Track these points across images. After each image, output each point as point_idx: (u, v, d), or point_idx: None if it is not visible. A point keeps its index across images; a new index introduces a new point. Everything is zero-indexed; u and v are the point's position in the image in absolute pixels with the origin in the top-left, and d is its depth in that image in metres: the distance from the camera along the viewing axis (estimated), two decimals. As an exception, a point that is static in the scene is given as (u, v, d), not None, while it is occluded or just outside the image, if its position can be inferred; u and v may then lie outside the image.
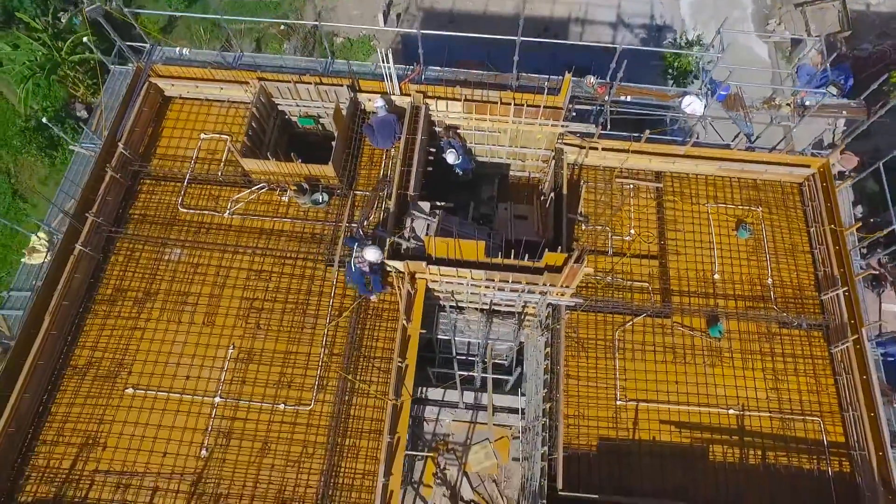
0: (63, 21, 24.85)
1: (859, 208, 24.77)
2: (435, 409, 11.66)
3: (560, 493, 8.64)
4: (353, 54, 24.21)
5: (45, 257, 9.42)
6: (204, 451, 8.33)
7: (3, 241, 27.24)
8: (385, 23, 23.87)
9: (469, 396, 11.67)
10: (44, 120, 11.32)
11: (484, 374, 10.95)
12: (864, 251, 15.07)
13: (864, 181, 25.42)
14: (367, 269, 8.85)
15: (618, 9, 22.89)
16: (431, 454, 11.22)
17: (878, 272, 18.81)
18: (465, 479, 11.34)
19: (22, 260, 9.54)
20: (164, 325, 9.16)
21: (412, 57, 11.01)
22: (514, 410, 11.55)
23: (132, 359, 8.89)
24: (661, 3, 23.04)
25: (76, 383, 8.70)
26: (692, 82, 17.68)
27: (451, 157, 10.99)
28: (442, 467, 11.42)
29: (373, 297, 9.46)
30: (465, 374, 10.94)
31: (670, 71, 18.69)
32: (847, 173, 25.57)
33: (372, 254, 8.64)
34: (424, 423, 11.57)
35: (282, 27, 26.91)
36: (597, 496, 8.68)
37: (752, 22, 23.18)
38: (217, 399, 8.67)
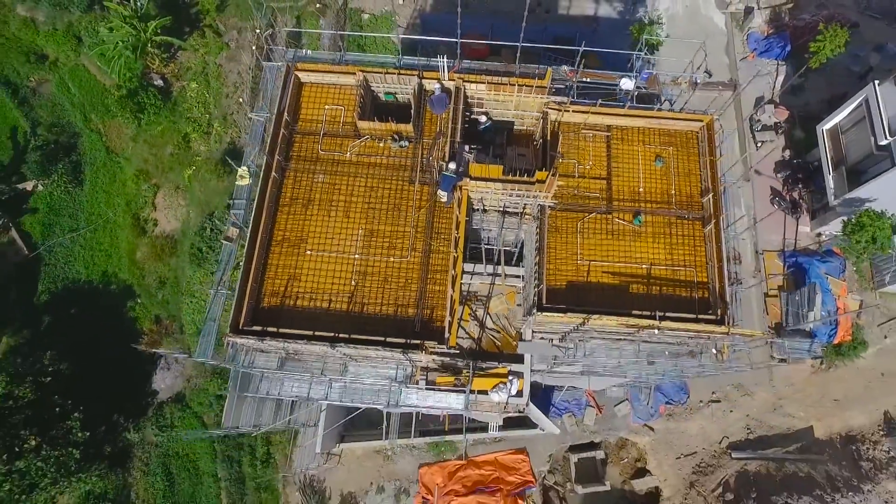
0: (140, 4, 30.21)
1: (787, 152, 31.21)
2: (468, 277, 18.85)
3: (545, 305, 15.83)
4: (378, 27, 30.14)
5: (248, 180, 16.23)
6: (353, 282, 15.42)
7: (104, 187, 34.25)
8: (402, 0, 30.03)
9: (489, 268, 18.81)
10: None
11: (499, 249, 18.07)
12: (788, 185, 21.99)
13: (792, 130, 32.62)
14: (454, 176, 15.26)
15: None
16: (467, 302, 18.46)
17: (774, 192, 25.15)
18: (487, 316, 18.62)
19: (237, 183, 16.35)
20: (322, 218, 16.03)
21: (428, 30, 17.03)
22: (517, 276, 18.70)
23: (307, 236, 15.86)
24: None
25: (279, 249, 15.68)
26: (657, 49, 24.01)
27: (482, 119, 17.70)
28: (473, 310, 18.64)
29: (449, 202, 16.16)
30: (488, 248, 18.10)
31: (638, 44, 24.89)
32: (780, 124, 32.52)
33: (453, 164, 15.25)
34: (462, 285, 18.72)
35: (317, 5, 32.80)
36: (564, 307, 15.87)
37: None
38: (356, 256, 15.69)
